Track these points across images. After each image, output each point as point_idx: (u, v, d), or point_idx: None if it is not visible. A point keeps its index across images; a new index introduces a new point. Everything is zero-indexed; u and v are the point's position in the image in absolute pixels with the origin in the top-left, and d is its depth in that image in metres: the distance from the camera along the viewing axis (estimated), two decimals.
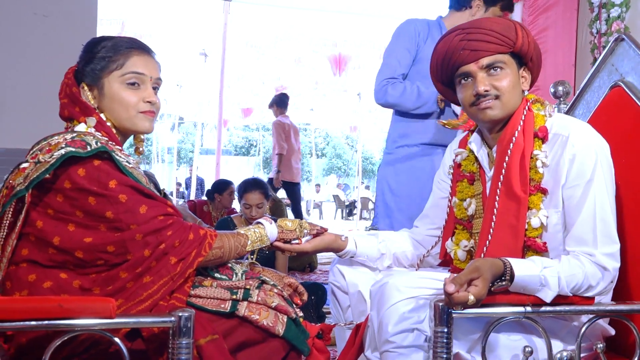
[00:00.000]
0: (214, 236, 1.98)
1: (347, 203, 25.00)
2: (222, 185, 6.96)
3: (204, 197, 7.55)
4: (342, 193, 25.93)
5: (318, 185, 26.85)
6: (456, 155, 2.32)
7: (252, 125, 38.65)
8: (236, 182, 6.95)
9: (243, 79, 17.45)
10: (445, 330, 1.72)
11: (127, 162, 1.92)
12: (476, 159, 2.23)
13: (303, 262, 7.26)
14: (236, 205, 7.16)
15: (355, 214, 22.54)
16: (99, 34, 4.84)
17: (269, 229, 2.16)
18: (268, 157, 40.59)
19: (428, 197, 2.51)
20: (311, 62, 16.20)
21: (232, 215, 5.14)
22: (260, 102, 20.77)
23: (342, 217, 24.58)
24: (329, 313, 4.61)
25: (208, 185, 7.37)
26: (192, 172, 17.13)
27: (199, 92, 18.21)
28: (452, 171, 2.36)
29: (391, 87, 3.36)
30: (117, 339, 1.62)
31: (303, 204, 25.29)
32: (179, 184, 20.99)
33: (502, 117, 2.09)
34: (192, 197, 15.23)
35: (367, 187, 27.57)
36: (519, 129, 2.06)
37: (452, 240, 2.27)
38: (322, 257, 8.11)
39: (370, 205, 23.82)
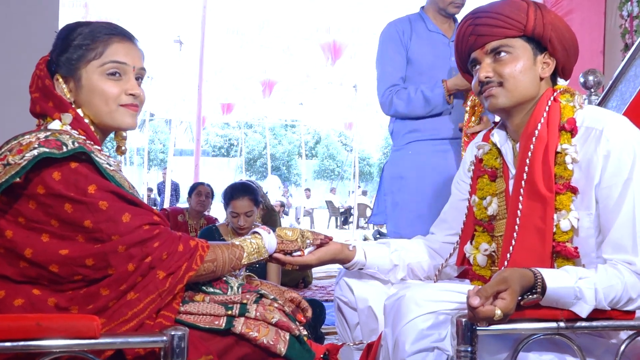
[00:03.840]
0: (205, 248, 1.98)
1: (341, 210, 24.99)
2: (191, 188, 7.02)
3: (179, 205, 7.53)
4: (335, 198, 25.91)
5: (308, 189, 26.79)
6: (478, 149, 2.35)
7: (232, 122, 38.73)
8: (214, 186, 6.93)
9: (223, 70, 17.46)
10: (469, 349, 1.74)
11: (107, 164, 1.93)
12: (500, 153, 2.27)
13: (296, 277, 7.25)
14: (216, 212, 7.12)
15: (352, 222, 22.52)
16: (60, 18, 4.85)
17: (267, 240, 2.16)
18: (251, 158, 40.66)
19: (440, 196, 2.53)
20: (301, 51, 16.23)
21: (217, 224, 5.14)
22: (243, 97, 20.80)
23: (337, 226, 24.56)
24: (329, 334, 4.63)
25: (184, 191, 7.36)
26: (166, 176, 17.08)
27: (173, 85, 18.20)
28: (472, 168, 2.39)
29: (395, 96, 3.52)
30: None
31: (292, 211, 25.38)
32: (150, 190, 20.93)
33: (509, 105, 2.15)
34: (167, 205, 15.20)
35: (365, 193, 27.56)
36: (542, 121, 2.10)
37: (471, 243, 2.29)
38: (316, 270, 8.12)
39: (368, 212, 23.81)
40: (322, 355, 2.11)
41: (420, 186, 3.49)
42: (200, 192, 6.85)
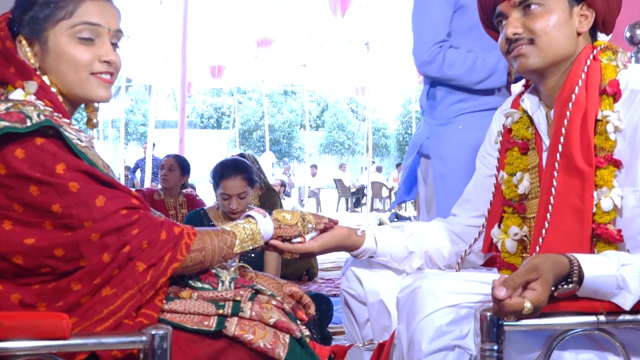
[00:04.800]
0: (192, 235, 2.00)
1: (353, 190, 24.95)
2: (160, 163, 7.11)
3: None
4: (345, 176, 25.86)
5: (313, 166, 26.74)
6: (506, 118, 2.37)
7: (223, 88, 38.62)
8: (203, 163, 6.94)
9: (211, 27, 17.40)
10: (495, 347, 1.77)
11: (78, 139, 1.95)
12: (531, 122, 2.29)
13: (300, 269, 7.27)
14: (202, 191, 7.11)
15: (364, 203, 22.52)
16: None
17: (262, 225, 2.18)
18: (246, 130, 40.58)
19: None
20: (303, 3, 16.16)
21: (205, 208, 5.16)
22: (235, 59, 20.74)
23: (347, 208, 24.57)
24: (337, 333, 4.66)
25: None
26: (147, 152, 17.04)
27: (153, 46, 18.14)
28: (500, 139, 2.40)
29: (449, 54, 3.39)
30: None
31: (295, 192, 25.36)
32: (127, 168, 20.92)
33: (542, 66, 2.16)
34: (148, 185, 15.20)
35: (379, 169, 27.52)
36: (579, 83, 2.11)
37: (499, 227, 2.31)
38: (323, 261, 8.14)
39: (384, 192, 23.81)
40: (327, 359, 2.13)
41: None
42: (163, 165, 6.90)
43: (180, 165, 6.95)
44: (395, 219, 16.51)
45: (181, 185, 7.00)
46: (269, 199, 6.97)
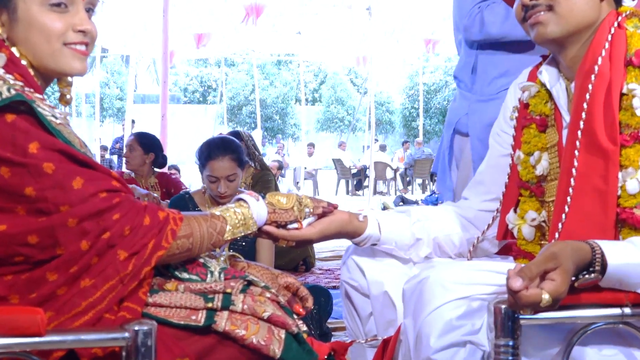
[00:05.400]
0: (178, 220, 2.01)
1: (354, 171, 24.90)
2: None
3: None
4: (345, 156, 25.81)
5: (311, 145, 26.68)
6: (523, 92, 2.37)
7: (209, 59, 38.51)
8: (188, 142, 6.94)
9: None
10: (511, 343, 1.78)
11: (52, 116, 1.95)
12: (550, 96, 2.30)
13: (296, 259, 7.27)
14: (187, 172, 7.10)
15: (367, 186, 22.51)
16: None
17: (255, 209, 2.19)
18: (235, 105, 40.47)
19: None
20: None
21: (191, 191, 5.16)
22: (222, 25, 20.67)
23: (347, 191, 24.55)
24: (337, 329, 4.68)
25: None
26: (125, 129, 17.04)
27: (131, 11, 18.09)
28: (516, 115, 2.41)
29: (487, 13, 3.39)
30: None
31: (289, 173, 25.31)
32: (104, 148, 20.89)
33: (562, 35, 2.17)
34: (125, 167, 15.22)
35: (383, 148, 27.48)
36: (603, 53, 2.12)
37: (515, 211, 2.32)
38: (321, 249, 8.15)
39: (389, 173, 23.79)
40: (326, 356, 2.14)
41: None
42: (126, 144, 6.95)
43: (141, 144, 6.87)
44: (401, 203, 16.51)
45: (151, 163, 6.96)
46: (262, 178, 6.89)
